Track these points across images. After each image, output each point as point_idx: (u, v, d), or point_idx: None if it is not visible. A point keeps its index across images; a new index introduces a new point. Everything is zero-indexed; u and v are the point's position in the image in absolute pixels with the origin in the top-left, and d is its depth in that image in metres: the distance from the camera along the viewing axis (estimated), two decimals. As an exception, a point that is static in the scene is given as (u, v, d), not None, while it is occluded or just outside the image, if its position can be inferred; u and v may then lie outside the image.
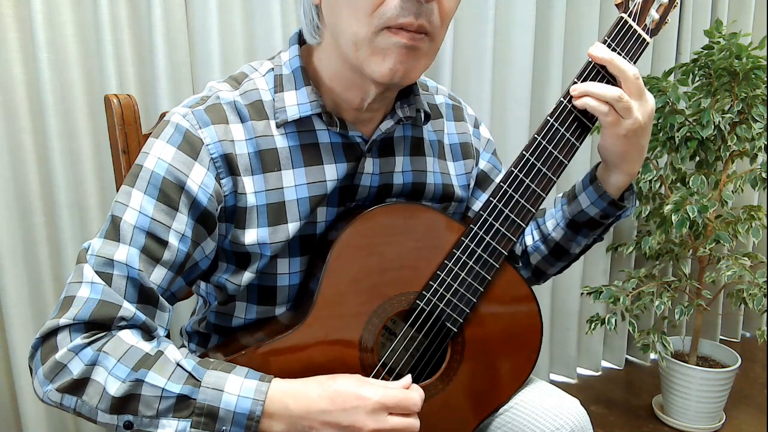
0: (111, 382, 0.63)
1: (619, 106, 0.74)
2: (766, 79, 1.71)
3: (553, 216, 0.91)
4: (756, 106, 1.74)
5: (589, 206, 0.85)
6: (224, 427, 0.63)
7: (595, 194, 0.84)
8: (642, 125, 0.76)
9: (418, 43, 0.67)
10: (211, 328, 0.86)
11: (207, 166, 0.71)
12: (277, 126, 0.75)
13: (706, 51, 1.76)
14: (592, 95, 0.75)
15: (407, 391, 0.68)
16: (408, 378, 0.71)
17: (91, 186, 1.40)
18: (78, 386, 0.64)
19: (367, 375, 0.75)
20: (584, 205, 0.85)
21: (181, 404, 0.63)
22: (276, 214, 0.75)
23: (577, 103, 0.76)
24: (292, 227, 0.76)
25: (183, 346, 0.94)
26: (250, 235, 0.74)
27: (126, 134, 0.96)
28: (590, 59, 0.76)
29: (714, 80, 1.78)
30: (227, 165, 0.72)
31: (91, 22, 1.34)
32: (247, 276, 0.77)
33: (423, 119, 0.83)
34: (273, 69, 0.78)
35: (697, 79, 1.83)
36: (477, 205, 0.93)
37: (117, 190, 0.98)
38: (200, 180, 0.70)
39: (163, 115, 1.01)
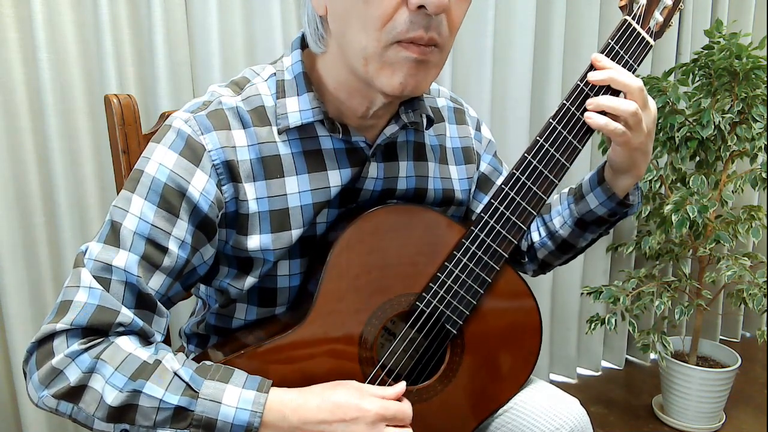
0: (109, 391, 0.62)
1: (633, 120, 0.74)
2: (766, 79, 1.71)
3: (559, 213, 0.91)
4: (756, 106, 1.73)
5: (597, 206, 0.86)
6: None
7: (603, 195, 0.85)
8: (650, 132, 0.77)
9: (428, 56, 0.67)
10: (210, 329, 0.86)
11: (209, 173, 0.70)
12: (279, 132, 0.74)
13: (706, 51, 1.76)
14: (608, 109, 0.75)
15: (402, 404, 0.69)
16: (402, 384, 0.72)
17: (91, 186, 1.40)
18: (75, 393, 0.63)
19: (366, 375, 0.75)
20: (593, 206, 0.86)
21: (179, 416, 0.63)
22: (280, 220, 0.74)
23: (592, 123, 0.76)
24: (295, 234, 0.75)
25: (182, 347, 0.94)
26: (253, 242, 0.74)
27: (126, 134, 0.96)
28: (593, 62, 0.76)
29: (714, 80, 1.78)
30: (229, 171, 0.71)
31: (91, 22, 1.34)
32: (250, 280, 0.77)
33: (426, 124, 0.83)
34: (275, 74, 0.76)
35: (697, 79, 1.83)
36: (478, 207, 0.93)
37: (117, 191, 0.99)
38: (202, 187, 0.69)
39: (163, 115, 1.01)
